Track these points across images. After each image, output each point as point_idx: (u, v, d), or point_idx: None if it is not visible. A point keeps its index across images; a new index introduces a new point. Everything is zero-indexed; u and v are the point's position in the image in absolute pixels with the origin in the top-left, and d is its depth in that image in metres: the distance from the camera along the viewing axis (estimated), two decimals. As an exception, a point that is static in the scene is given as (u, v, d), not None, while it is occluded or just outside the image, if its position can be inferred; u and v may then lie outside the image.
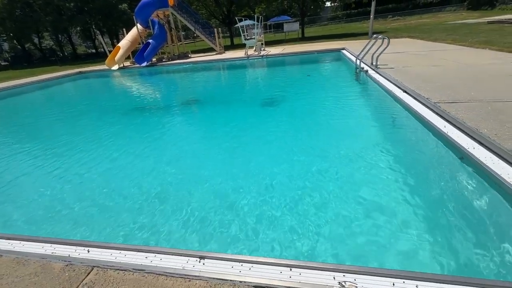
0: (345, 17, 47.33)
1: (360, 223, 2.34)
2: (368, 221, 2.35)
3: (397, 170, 3.05)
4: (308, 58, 13.04)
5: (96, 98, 10.52)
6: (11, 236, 2.31)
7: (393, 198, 2.60)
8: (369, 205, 2.53)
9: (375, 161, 3.27)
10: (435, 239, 2.11)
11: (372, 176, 2.99)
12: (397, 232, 2.21)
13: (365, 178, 2.99)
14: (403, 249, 2.06)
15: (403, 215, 2.37)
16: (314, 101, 6.48)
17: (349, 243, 2.18)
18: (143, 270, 1.77)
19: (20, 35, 32.27)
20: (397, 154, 3.48)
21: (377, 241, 2.15)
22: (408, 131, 4.21)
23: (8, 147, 5.61)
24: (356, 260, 2.03)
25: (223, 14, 27.77)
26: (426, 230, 2.19)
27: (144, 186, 3.37)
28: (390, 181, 2.87)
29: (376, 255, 2.06)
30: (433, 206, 2.49)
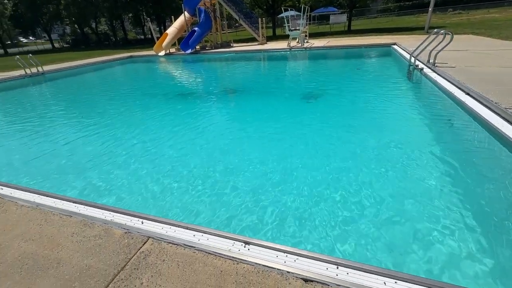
0: (398, 9, 43.81)
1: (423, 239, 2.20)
2: (433, 237, 2.20)
3: (455, 184, 2.75)
4: (354, 53, 12.40)
5: (142, 81, 11.18)
6: (76, 200, 2.58)
7: (455, 218, 2.35)
8: (426, 223, 2.35)
9: (429, 174, 2.97)
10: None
11: (427, 193, 2.69)
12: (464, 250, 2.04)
13: (418, 192, 2.71)
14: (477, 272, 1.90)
15: (471, 238, 2.14)
16: (358, 98, 6.14)
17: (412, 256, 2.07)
18: (193, 247, 1.86)
19: (81, 20, 35.35)
20: (456, 165, 3.14)
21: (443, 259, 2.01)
22: (470, 139, 3.80)
23: (70, 122, 6.25)
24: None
25: (267, 4, 27.42)
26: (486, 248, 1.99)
27: (181, 166, 3.54)
28: (449, 198, 2.60)
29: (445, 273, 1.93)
30: (497, 221, 2.25)
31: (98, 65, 15.55)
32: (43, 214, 2.33)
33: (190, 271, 1.65)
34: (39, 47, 44.50)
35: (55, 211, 2.37)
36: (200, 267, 1.68)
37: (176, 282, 1.59)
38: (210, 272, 1.64)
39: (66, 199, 2.58)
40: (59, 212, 2.34)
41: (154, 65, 15.33)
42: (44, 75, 12.33)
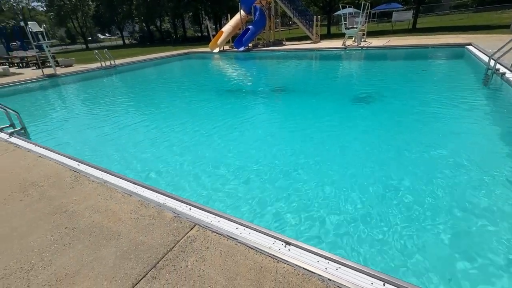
0: (476, 4, 38.32)
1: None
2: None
3: None
4: (418, 54, 11.26)
5: (196, 76, 11.85)
6: (135, 181, 2.86)
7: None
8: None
9: (501, 203, 2.58)
10: None
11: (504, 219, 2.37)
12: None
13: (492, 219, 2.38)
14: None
15: None
16: (420, 105, 5.53)
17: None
18: (236, 239, 1.92)
19: (148, 18, 38.88)
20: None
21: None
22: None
23: (125, 109, 6.96)
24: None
25: (324, 1, 26.55)
26: None
27: (227, 159, 3.65)
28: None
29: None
30: None
31: (159, 60, 16.95)
32: (109, 190, 2.64)
33: (231, 262, 1.71)
34: (112, 43, 50.44)
35: (118, 189, 2.67)
36: (241, 260, 1.72)
37: (218, 270, 1.66)
38: (250, 266, 1.67)
39: (127, 179, 2.89)
40: (122, 190, 2.63)
41: (208, 61, 16.12)
42: (116, 68, 13.93)
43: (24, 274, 1.74)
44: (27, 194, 2.67)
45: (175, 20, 42.06)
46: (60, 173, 3.05)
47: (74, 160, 3.43)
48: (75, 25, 44.65)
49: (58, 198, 2.56)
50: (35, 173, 3.08)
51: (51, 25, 51.15)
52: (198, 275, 1.63)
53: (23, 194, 2.67)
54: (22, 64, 16.58)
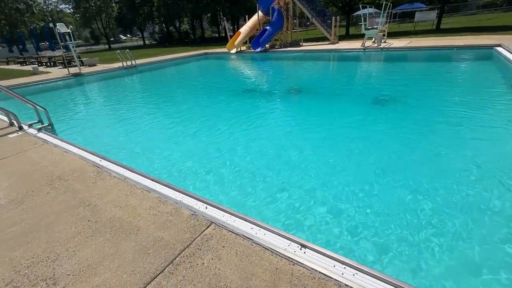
0: (507, 3, 36.29)
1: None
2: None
3: None
4: (442, 55, 10.84)
5: (213, 76, 12.00)
6: (154, 179, 2.94)
7: None
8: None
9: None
10: None
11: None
12: None
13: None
14: None
15: None
16: (443, 109, 5.30)
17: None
18: (251, 239, 1.93)
19: (168, 20, 39.83)
20: None
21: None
22: None
23: (149, 109, 7.15)
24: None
25: (344, 1, 26.11)
26: None
27: (242, 157, 3.67)
28: None
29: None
30: None
31: (178, 60, 17.31)
32: (129, 186, 2.73)
33: (247, 262, 1.71)
34: (133, 43, 52.14)
35: (138, 185, 2.75)
36: (256, 260, 1.73)
37: (234, 269, 1.67)
38: (266, 267, 1.67)
39: (146, 176, 2.97)
40: (141, 187, 2.71)
41: (225, 62, 16.28)
42: (136, 67, 14.37)
43: (50, 263, 1.83)
44: (53, 187, 2.81)
45: (193, 21, 42.84)
46: (83, 168, 3.19)
47: (96, 156, 3.57)
48: (99, 26, 46.50)
49: (82, 192, 2.67)
50: (61, 167, 3.24)
51: (77, 26, 53.62)
52: (214, 273, 1.65)
53: (50, 187, 2.81)
54: (50, 63, 17.47)
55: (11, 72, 15.49)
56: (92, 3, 41.40)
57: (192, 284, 1.59)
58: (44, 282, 1.69)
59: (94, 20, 44.40)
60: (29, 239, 2.07)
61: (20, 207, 2.49)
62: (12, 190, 2.80)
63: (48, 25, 36.50)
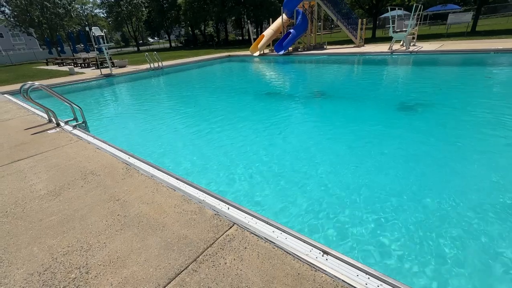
0: (553, 4, 33.46)
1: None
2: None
3: None
4: (478, 59, 10.21)
5: (237, 79, 12.16)
6: (179, 177, 3.03)
7: None
8: None
9: None
10: None
11: None
12: None
13: None
14: None
15: None
16: (476, 119, 4.99)
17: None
18: (273, 242, 1.93)
19: (193, 23, 41.00)
20: None
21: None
22: None
23: (173, 111, 7.38)
24: None
25: (371, 3, 25.44)
26: None
27: (262, 161, 3.68)
28: None
29: None
30: None
31: (202, 62, 17.75)
32: (156, 184, 2.84)
33: (268, 265, 1.72)
34: (160, 46, 54.22)
35: (164, 183, 2.86)
36: (278, 264, 1.73)
37: (255, 271, 1.68)
38: (287, 272, 1.67)
39: (171, 175, 3.08)
40: (167, 185, 2.82)
41: (248, 64, 16.45)
42: (163, 69, 14.92)
43: (84, 253, 1.96)
44: (87, 181, 3.00)
45: (218, 24, 43.77)
46: (114, 165, 3.37)
47: (125, 153, 3.75)
48: (129, 30, 48.87)
49: (112, 187, 2.82)
50: (93, 163, 3.44)
51: (110, 30, 56.71)
52: (236, 273, 1.68)
53: (84, 181, 3.00)
54: (85, 65, 18.62)
55: (50, 72, 16.71)
56: (124, 7, 43.63)
57: (214, 282, 1.63)
58: (78, 270, 1.81)
59: (125, 23, 46.74)
60: (65, 229, 2.23)
61: (57, 199, 2.68)
62: (50, 183, 3.02)
63: (84, 28, 39.02)
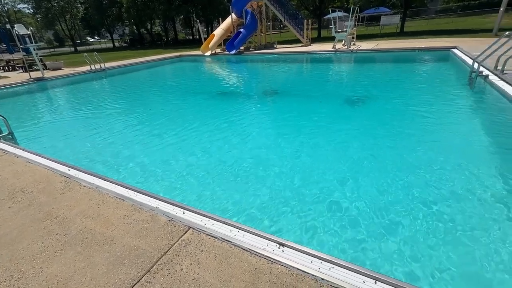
0: (461, 9, 39.62)
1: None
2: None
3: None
4: (406, 57, 11.57)
5: (189, 79, 11.82)
6: (128, 186, 2.84)
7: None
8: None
9: (491, 200, 2.67)
10: None
11: (490, 224, 2.40)
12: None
13: (480, 225, 2.38)
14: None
15: None
16: (409, 107, 5.69)
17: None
18: (230, 241, 1.93)
19: (138, 21, 38.56)
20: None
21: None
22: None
23: (113, 116, 6.89)
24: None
25: (315, 5, 26.95)
26: None
27: (216, 158, 3.67)
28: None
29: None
30: None
31: (151, 63, 16.82)
32: (101, 195, 2.62)
33: (226, 265, 1.72)
34: (102, 46, 49.83)
35: (110, 194, 2.65)
36: (235, 262, 1.74)
37: (213, 272, 1.67)
38: (245, 268, 1.69)
39: (119, 184, 2.86)
40: (114, 195, 2.61)
41: (201, 64, 16.11)
42: (106, 71, 13.75)
43: (14, 283, 1.71)
44: (16, 200, 2.62)
45: (166, 23, 41.90)
46: (50, 179, 3.00)
47: (64, 165, 3.37)
48: (63, 28, 43.91)
49: (49, 204, 2.52)
50: (23, 179, 3.02)
51: (39, 28, 50.16)
52: (193, 278, 1.64)
53: (12, 201, 2.62)
54: (8, 68, 16.19)
55: (-38, 77, 14.12)
56: (54, 3, 38.98)
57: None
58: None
59: (57, 21, 41.83)
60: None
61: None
62: (-33, 207, 2.57)
63: (4, 26, 33.77)
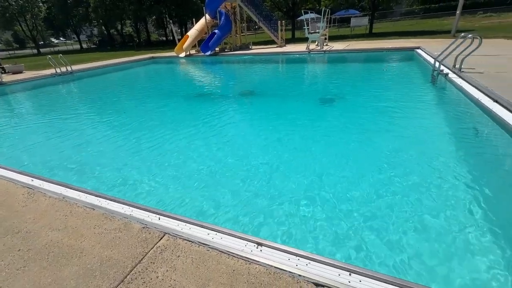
0: (423, 12, 42.35)
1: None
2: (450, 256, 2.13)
3: (481, 199, 2.61)
4: (375, 56, 12.13)
5: (163, 82, 11.52)
6: (98, 194, 2.71)
7: (477, 233, 2.25)
8: (444, 240, 2.26)
9: (451, 184, 2.88)
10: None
11: (447, 206, 2.58)
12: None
13: (437, 206, 2.56)
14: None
15: (490, 248, 2.06)
16: (379, 103, 5.99)
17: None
18: (207, 245, 1.91)
19: (107, 21, 36.96)
20: (482, 177, 3.00)
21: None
22: (497, 149, 3.63)
23: (84, 121, 6.57)
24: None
25: (288, 6, 27.42)
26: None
27: (193, 161, 3.62)
28: (469, 210, 2.48)
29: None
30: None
31: (122, 65, 16.17)
32: (69, 205, 2.47)
33: (203, 268, 1.70)
34: (68, 47, 47.13)
35: (79, 203, 2.51)
36: (213, 265, 1.72)
37: (190, 278, 1.64)
38: (223, 271, 1.67)
39: (89, 193, 2.72)
40: (83, 205, 2.48)
41: (174, 66, 15.76)
42: (73, 74, 13.01)
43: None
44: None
45: (137, 24, 40.55)
46: (10, 191, 2.78)
47: (26, 175, 3.14)
48: (24, 28, 40.96)
49: (9, 219, 2.33)
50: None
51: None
52: (169, 285, 1.60)
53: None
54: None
55: None
56: (12, 1, 36.23)
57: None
58: (-38, 329, 1.44)
59: (16, 21, 38.91)
60: None
61: None
62: None
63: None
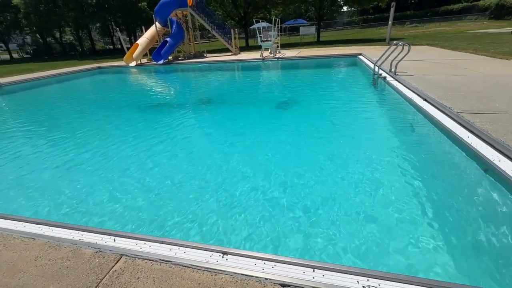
0: (362, 22, 46.98)
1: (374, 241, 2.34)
2: (386, 239, 2.34)
3: (416, 183, 2.98)
4: (323, 63, 13.01)
5: (112, 93, 10.78)
6: (40, 221, 2.41)
7: (412, 213, 2.53)
8: (385, 222, 2.49)
9: (389, 173, 3.23)
10: (456, 257, 2.09)
11: (387, 191, 2.88)
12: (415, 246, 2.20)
13: (378, 194, 2.84)
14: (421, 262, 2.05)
15: (425, 232, 2.33)
16: (328, 106, 6.45)
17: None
18: (170, 261, 1.82)
19: (43, 29, 33.43)
20: (416, 165, 3.42)
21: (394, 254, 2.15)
22: (428, 141, 4.16)
23: (29, 139, 5.84)
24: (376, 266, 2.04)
25: (240, 16, 27.99)
26: (449, 246, 2.17)
27: (151, 176, 3.46)
28: (409, 195, 2.81)
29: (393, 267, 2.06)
30: (456, 220, 2.46)
31: (63, 76, 14.73)
32: (2, 238, 2.14)
33: (166, 287, 1.61)
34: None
35: (16, 234, 2.19)
36: (177, 281, 1.64)
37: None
38: (188, 286, 1.61)
39: (28, 221, 2.40)
40: (20, 235, 2.17)
41: (125, 76, 14.87)
42: (2, 87, 11.44)
43: None
44: None
45: (79, 32, 37.47)
46: None
47: None
48: None
49: None
50: None
51: None
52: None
53: None
54: None
55: None
56: None
57: (102, 332, 1.38)
58: None
59: None
60: None
61: None
62: None
63: None
